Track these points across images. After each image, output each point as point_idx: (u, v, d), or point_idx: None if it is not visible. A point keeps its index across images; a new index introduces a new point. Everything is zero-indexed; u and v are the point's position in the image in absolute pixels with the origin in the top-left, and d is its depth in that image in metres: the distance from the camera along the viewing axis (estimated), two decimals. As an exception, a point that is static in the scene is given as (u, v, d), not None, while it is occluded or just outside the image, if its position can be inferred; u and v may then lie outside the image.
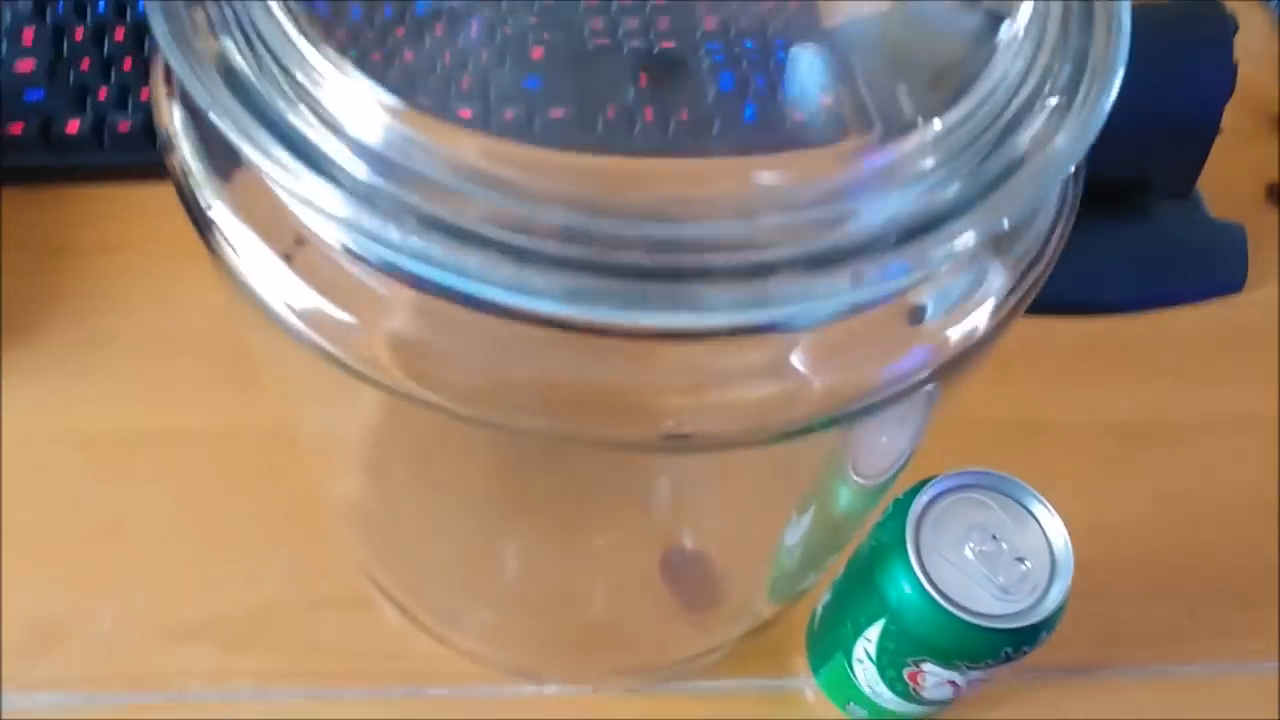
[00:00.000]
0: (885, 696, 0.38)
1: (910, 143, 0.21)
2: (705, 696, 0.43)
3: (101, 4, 0.55)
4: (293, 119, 0.20)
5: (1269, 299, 0.55)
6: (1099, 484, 0.48)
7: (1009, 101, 0.22)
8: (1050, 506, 0.34)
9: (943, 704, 0.38)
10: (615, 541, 0.44)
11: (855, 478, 0.33)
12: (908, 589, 0.33)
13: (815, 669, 0.42)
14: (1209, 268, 0.55)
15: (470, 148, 0.21)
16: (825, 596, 0.41)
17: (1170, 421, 0.51)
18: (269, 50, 0.21)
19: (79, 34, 0.54)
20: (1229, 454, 0.50)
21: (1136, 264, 0.54)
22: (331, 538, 0.44)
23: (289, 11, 0.22)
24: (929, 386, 0.24)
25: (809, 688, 0.42)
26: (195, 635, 0.42)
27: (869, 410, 0.23)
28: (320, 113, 0.21)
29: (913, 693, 0.36)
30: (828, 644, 0.40)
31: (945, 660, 0.34)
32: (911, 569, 0.33)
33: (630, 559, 0.44)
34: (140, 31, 0.54)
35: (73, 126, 0.52)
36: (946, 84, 0.22)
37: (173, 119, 0.24)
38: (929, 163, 0.21)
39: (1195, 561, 0.47)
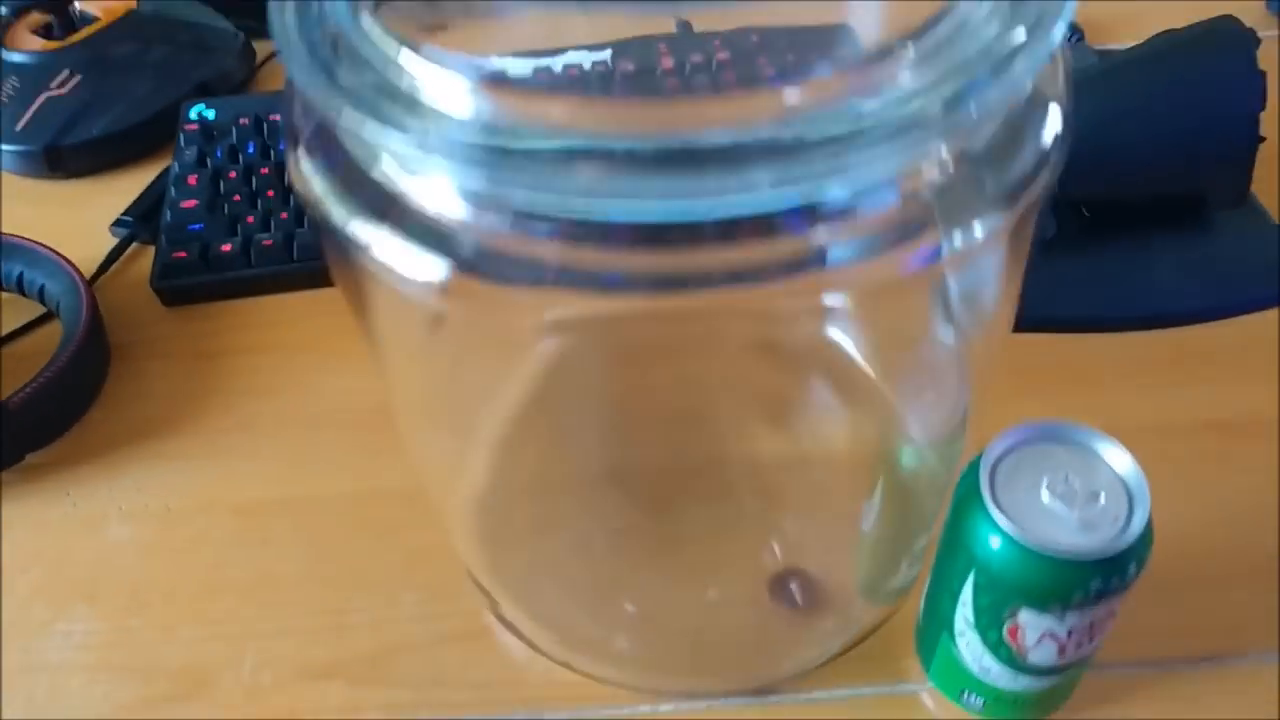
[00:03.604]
0: (993, 671, 0.37)
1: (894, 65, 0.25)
2: (818, 705, 0.43)
3: (250, 147, 0.64)
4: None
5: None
6: (1203, 480, 0.48)
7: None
8: (1116, 441, 0.35)
9: (1051, 672, 0.37)
10: (723, 552, 0.46)
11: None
12: (990, 535, 0.34)
13: (926, 663, 0.41)
14: (1272, 274, 0.55)
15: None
16: (924, 589, 0.41)
17: (1263, 418, 0.50)
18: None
19: (232, 175, 0.63)
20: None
21: (1203, 275, 0.55)
22: (455, 580, 0.47)
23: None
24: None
25: (924, 690, 0.42)
26: (327, 673, 0.45)
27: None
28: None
29: (1016, 656, 0.36)
30: (931, 628, 0.40)
31: (1039, 604, 0.34)
32: (990, 515, 0.34)
33: (738, 570, 0.46)
34: (280, 168, 0.63)
35: (226, 247, 0.59)
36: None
37: (300, 168, 0.29)
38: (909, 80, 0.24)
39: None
